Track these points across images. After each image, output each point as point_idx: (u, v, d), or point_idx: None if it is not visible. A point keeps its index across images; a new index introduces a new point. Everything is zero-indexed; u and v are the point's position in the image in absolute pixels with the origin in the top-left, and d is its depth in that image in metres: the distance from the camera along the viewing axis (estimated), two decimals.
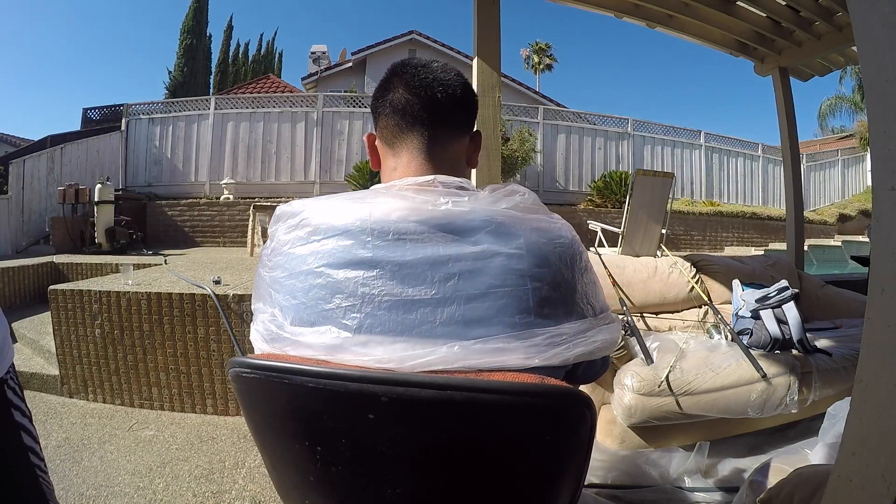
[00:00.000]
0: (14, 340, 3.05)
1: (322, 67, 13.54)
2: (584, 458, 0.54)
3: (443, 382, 0.47)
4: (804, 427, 1.93)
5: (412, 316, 0.52)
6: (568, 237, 0.61)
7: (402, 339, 0.51)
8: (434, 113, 0.66)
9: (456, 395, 0.47)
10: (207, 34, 17.47)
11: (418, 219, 0.55)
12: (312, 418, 0.52)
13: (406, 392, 0.47)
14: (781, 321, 2.01)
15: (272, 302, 0.59)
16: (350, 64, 13.93)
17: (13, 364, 0.71)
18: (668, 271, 2.58)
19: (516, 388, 0.49)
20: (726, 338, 2.14)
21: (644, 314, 2.43)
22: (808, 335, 2.02)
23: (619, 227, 4.81)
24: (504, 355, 0.51)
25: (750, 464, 1.70)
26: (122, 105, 9.03)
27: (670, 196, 4.97)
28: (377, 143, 0.72)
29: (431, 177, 0.62)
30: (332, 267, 0.54)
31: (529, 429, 0.50)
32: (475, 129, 0.73)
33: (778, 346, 1.96)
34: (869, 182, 10.84)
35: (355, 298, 0.53)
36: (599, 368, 0.67)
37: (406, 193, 0.59)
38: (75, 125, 11.83)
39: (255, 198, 7.65)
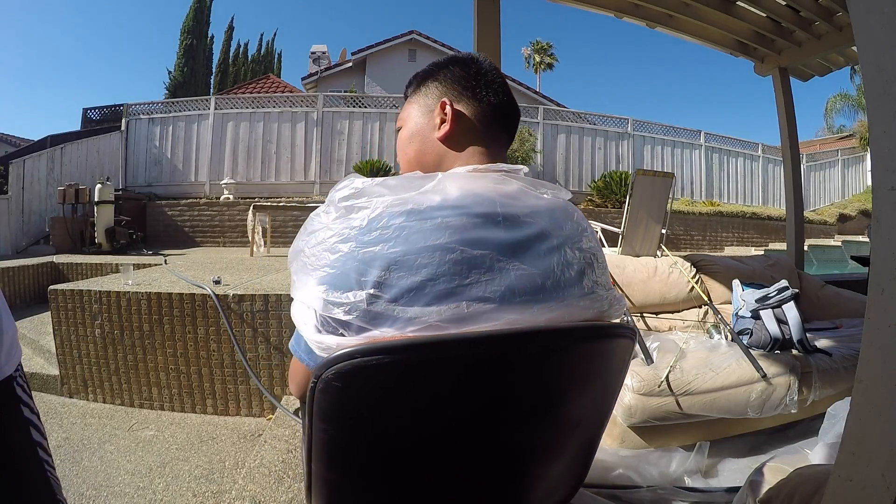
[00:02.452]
0: None
1: (322, 67, 13.54)
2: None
3: (588, 327, 0.64)
4: (804, 427, 1.93)
5: (534, 286, 0.60)
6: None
7: (530, 307, 0.59)
8: (513, 133, 0.78)
9: (594, 335, 0.64)
10: (208, 34, 17.49)
11: (528, 204, 0.65)
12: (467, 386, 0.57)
13: (555, 343, 0.60)
14: (781, 321, 2.01)
15: (366, 282, 0.55)
16: (350, 64, 13.93)
17: (21, 362, 0.72)
18: (668, 271, 2.58)
19: (627, 329, 0.68)
20: (726, 338, 2.14)
21: (644, 314, 2.44)
22: (808, 335, 2.02)
23: (619, 227, 4.81)
24: (597, 310, 0.67)
25: (750, 464, 1.70)
26: (122, 105, 9.04)
27: (670, 196, 4.97)
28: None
29: (518, 167, 0.70)
30: (465, 244, 0.57)
31: (622, 357, 0.69)
32: None
33: (778, 346, 1.96)
34: (869, 182, 10.84)
35: (493, 273, 0.58)
36: None
37: (514, 180, 0.67)
38: (75, 125, 11.84)
39: (255, 198, 7.66)
